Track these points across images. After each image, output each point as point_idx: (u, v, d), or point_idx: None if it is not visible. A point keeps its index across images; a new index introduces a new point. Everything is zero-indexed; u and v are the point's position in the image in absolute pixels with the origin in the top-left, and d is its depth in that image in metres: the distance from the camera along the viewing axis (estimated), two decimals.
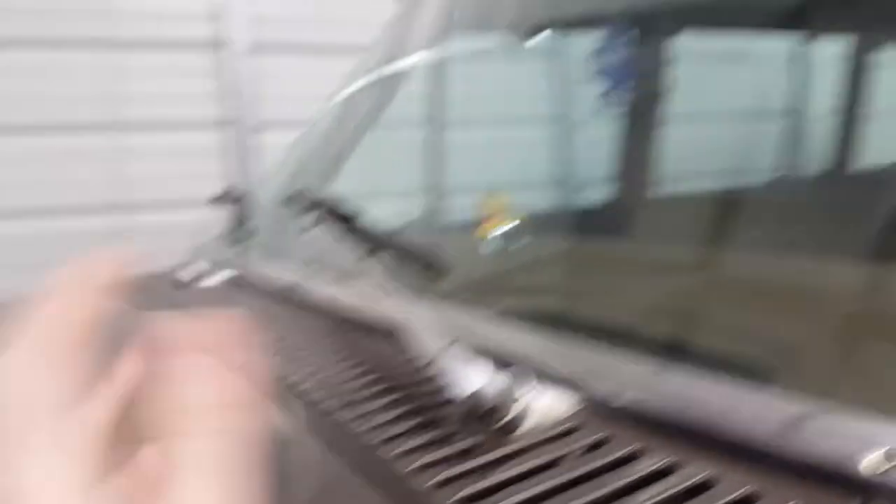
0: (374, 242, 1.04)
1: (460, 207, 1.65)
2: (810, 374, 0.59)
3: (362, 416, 0.68)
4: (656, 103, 1.80)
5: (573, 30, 1.75)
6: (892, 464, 0.46)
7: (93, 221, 3.02)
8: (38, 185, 3.00)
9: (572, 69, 2.63)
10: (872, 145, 1.93)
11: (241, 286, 1.33)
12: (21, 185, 2.97)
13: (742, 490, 0.50)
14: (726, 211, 1.34)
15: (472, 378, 0.63)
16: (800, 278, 0.74)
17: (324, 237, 1.10)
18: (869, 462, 0.47)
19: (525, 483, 0.54)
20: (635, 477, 0.53)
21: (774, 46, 2.19)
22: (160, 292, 1.31)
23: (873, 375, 0.57)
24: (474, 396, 0.62)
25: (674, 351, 0.67)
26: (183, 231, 1.91)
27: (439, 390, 0.71)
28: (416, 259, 0.94)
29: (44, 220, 3.01)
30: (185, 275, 1.38)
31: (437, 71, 1.67)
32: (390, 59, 1.68)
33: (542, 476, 0.55)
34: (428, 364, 0.67)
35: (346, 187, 1.65)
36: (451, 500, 0.53)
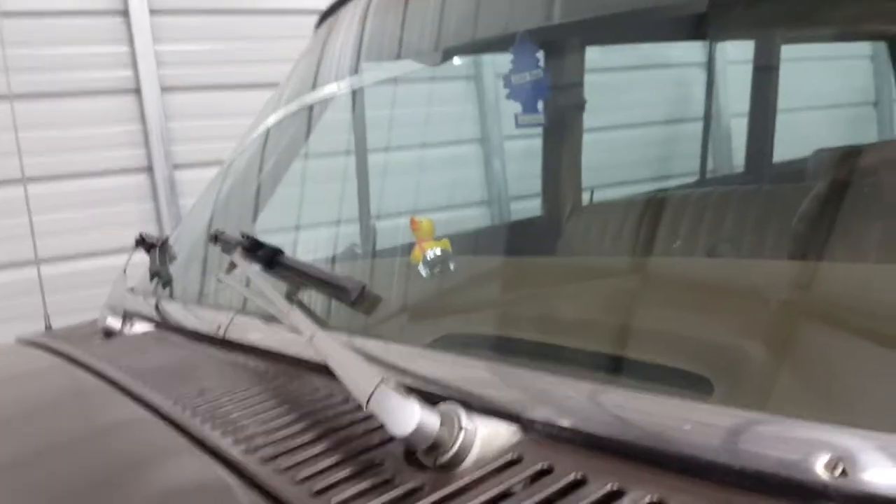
0: (299, 277, 1.01)
1: (387, 233, 1.63)
2: (750, 382, 0.58)
3: (295, 465, 0.64)
4: (571, 118, 1.82)
5: (483, 52, 1.76)
6: (841, 468, 0.46)
7: (13, 276, 2.89)
8: None
9: (486, 91, 2.65)
10: (785, 142, 1.99)
11: (165, 332, 1.28)
12: None
13: None
14: (649, 217, 1.35)
15: (408, 416, 0.60)
16: (726, 281, 0.74)
17: (246, 276, 1.06)
18: (816, 468, 0.46)
19: None
20: None
21: (682, 53, 2.24)
22: (89, 344, 1.25)
23: (812, 380, 0.57)
24: (413, 435, 0.60)
25: (610, 369, 0.66)
26: (104, 279, 1.83)
27: (374, 431, 0.68)
28: (341, 292, 0.92)
29: None
30: (110, 324, 1.33)
31: (352, 100, 1.65)
32: (302, 91, 1.66)
33: None
34: (361, 404, 0.64)
35: (267, 223, 1.61)
36: None
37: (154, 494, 0.69)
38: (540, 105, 1.09)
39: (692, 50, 2.32)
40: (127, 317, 1.36)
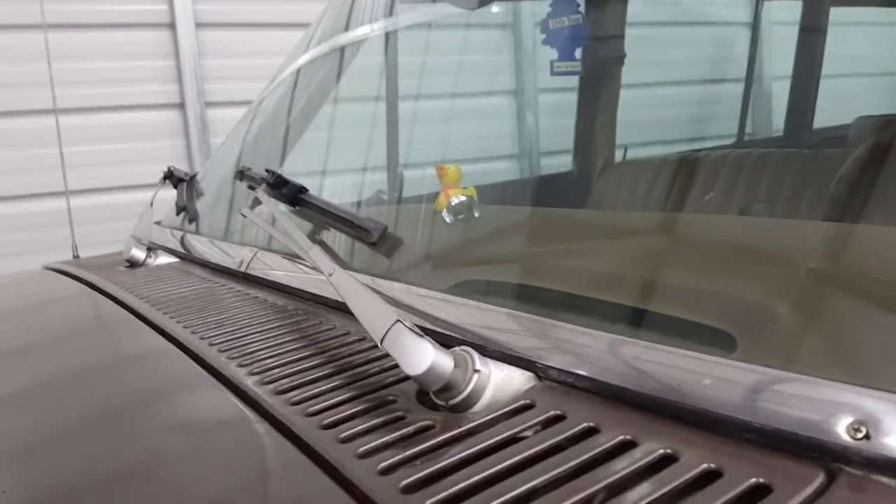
0: (322, 216, 1.00)
1: (415, 180, 1.61)
2: (775, 341, 0.57)
3: (307, 398, 0.64)
4: (609, 72, 1.78)
5: None
6: (863, 430, 0.44)
7: (40, 205, 2.91)
8: None
9: (523, 38, 2.59)
10: (826, 107, 1.93)
11: (188, 265, 1.28)
12: None
13: (706, 464, 0.47)
14: (682, 176, 1.32)
15: (422, 356, 0.59)
16: (760, 238, 0.72)
17: (270, 214, 1.06)
18: (841, 430, 0.45)
19: (477, 465, 0.51)
20: (594, 452, 0.51)
21: (727, 11, 2.17)
22: (113, 273, 1.26)
23: (838, 342, 0.55)
24: (426, 374, 0.59)
25: (631, 321, 0.65)
26: (132, 213, 1.85)
27: (388, 370, 0.68)
28: (363, 233, 0.91)
29: None
30: (135, 255, 1.34)
31: (386, 43, 1.62)
32: (335, 32, 1.63)
33: (495, 457, 0.52)
34: (376, 342, 0.63)
35: (296, 164, 1.60)
36: (398, 487, 0.49)
37: (167, 421, 0.69)
38: (577, 52, 1.06)
39: (738, 8, 2.24)
40: (152, 249, 1.37)
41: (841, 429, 0.45)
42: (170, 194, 1.66)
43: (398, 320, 0.62)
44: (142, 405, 0.74)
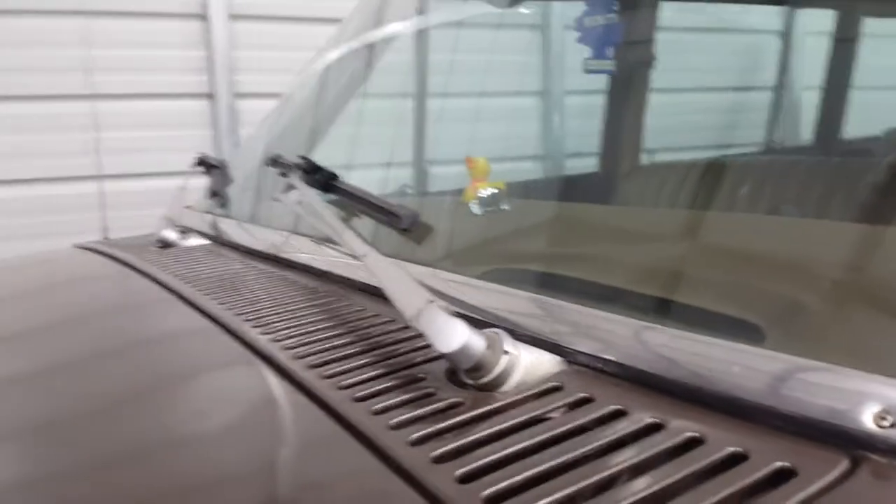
0: (355, 203, 1.02)
1: (442, 175, 1.63)
2: (803, 332, 0.58)
3: (340, 373, 0.66)
4: (637, 75, 1.78)
5: None
6: (889, 420, 0.45)
7: (72, 188, 2.96)
8: (21, 153, 2.94)
9: (555, 36, 2.60)
10: (856, 115, 1.92)
11: (220, 247, 1.31)
12: (2, 153, 2.91)
13: (732, 447, 0.48)
14: (708, 181, 1.33)
15: (455, 335, 0.61)
16: (789, 236, 0.73)
17: (303, 199, 1.07)
18: (866, 418, 0.46)
19: (505, 440, 0.52)
20: (621, 434, 0.52)
21: (761, 18, 2.17)
22: (145, 252, 1.29)
23: (864, 332, 0.56)
24: (458, 353, 0.60)
25: (660, 310, 0.66)
26: (160, 200, 1.87)
27: (418, 350, 0.70)
28: (394, 219, 0.92)
29: (25, 188, 2.96)
30: (167, 236, 1.36)
31: (417, 39, 1.64)
32: (366, 28, 1.65)
33: (523, 434, 0.53)
34: (409, 321, 0.65)
35: (325, 156, 1.62)
36: (429, 458, 0.51)
37: (208, 394, 0.71)
38: (610, 51, 1.07)
39: (770, 16, 2.24)
40: (183, 231, 1.40)
41: (867, 417, 0.46)
42: (198, 182, 1.68)
43: (432, 300, 0.64)
44: (180, 377, 0.76)
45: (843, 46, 2.02)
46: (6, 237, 2.85)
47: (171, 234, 1.35)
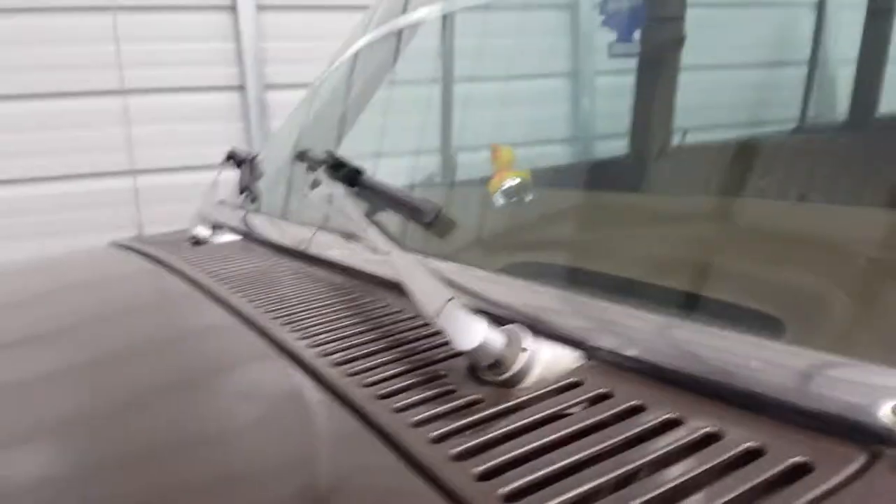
0: (380, 198, 1.03)
1: (469, 164, 1.63)
2: (824, 327, 0.57)
3: (364, 370, 0.67)
4: (667, 54, 1.76)
5: None
6: None
7: (105, 184, 3.01)
8: (55, 150, 3.00)
9: (582, 20, 2.58)
10: (890, 94, 1.88)
11: (251, 243, 1.33)
12: (36, 150, 2.97)
13: (749, 443, 0.49)
14: (737, 162, 1.31)
15: (474, 333, 0.62)
16: (811, 229, 0.72)
17: (329, 194, 1.09)
18: (884, 413, 0.46)
19: (524, 437, 0.53)
20: (640, 429, 0.52)
21: None
22: (178, 249, 1.31)
23: (886, 327, 0.55)
24: (477, 350, 0.61)
25: (681, 304, 0.66)
26: (192, 194, 1.90)
27: (440, 347, 0.70)
28: (420, 214, 0.93)
29: (60, 185, 3.02)
30: (199, 233, 1.39)
31: (443, 26, 1.64)
32: (392, 15, 1.65)
33: (541, 430, 0.54)
34: (430, 318, 0.65)
35: (353, 146, 1.63)
36: (448, 455, 0.52)
37: (234, 390, 0.73)
38: (636, 34, 1.06)
39: None
40: (215, 227, 1.42)
41: (885, 412, 0.46)
42: (231, 175, 1.71)
43: (452, 298, 0.64)
44: (208, 375, 0.78)
45: (879, 19, 1.97)
46: (42, 233, 2.92)
47: (203, 231, 1.38)
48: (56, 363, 0.83)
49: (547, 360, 0.62)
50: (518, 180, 1.07)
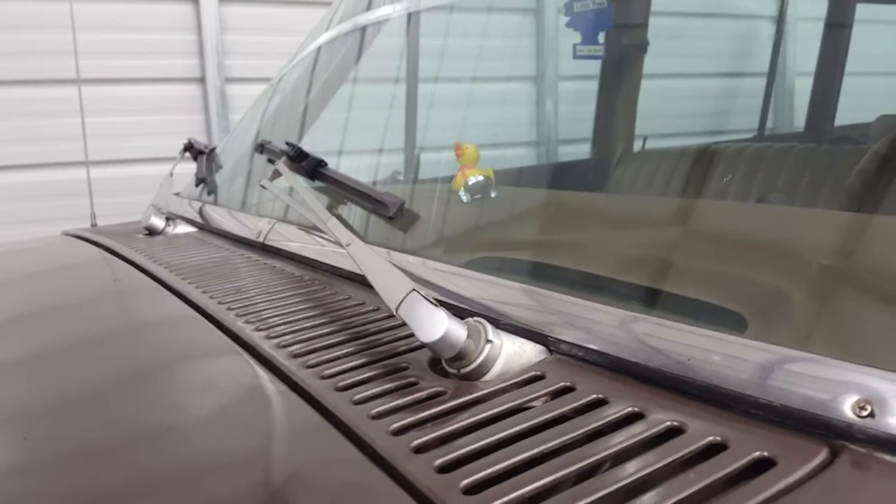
0: (340, 189, 1.01)
1: (431, 161, 1.61)
2: (785, 322, 0.58)
3: (322, 362, 0.66)
4: (631, 60, 1.77)
5: None
6: (868, 409, 0.45)
7: (60, 174, 2.94)
8: (8, 139, 2.92)
9: (546, 22, 2.59)
10: (848, 106, 1.92)
11: (207, 235, 1.30)
12: None
13: (711, 437, 0.48)
14: (700, 168, 1.32)
15: (437, 324, 0.60)
16: (771, 224, 0.72)
17: (290, 187, 1.07)
18: (846, 408, 0.46)
19: (486, 430, 0.52)
20: (601, 423, 0.52)
21: (753, 5, 2.16)
22: (132, 240, 1.28)
23: (847, 323, 0.56)
24: (440, 342, 0.60)
25: (644, 300, 0.66)
26: (149, 186, 1.86)
27: (402, 339, 0.69)
28: (380, 206, 0.92)
29: (13, 174, 2.94)
30: (154, 223, 1.36)
31: (406, 24, 1.63)
32: (356, 12, 1.63)
33: (503, 423, 0.53)
34: (391, 310, 0.64)
35: (312, 143, 1.61)
36: (409, 447, 0.51)
37: (188, 383, 0.71)
38: (600, 36, 1.06)
39: (764, 1, 2.22)
40: (170, 218, 1.39)
41: (846, 407, 0.46)
42: (189, 167, 1.67)
43: (414, 289, 0.63)
44: (162, 367, 0.75)
45: (836, 32, 2.02)
46: None
47: (158, 222, 1.35)
48: (4, 354, 0.80)
49: (509, 353, 0.61)
50: (482, 177, 1.06)
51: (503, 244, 0.88)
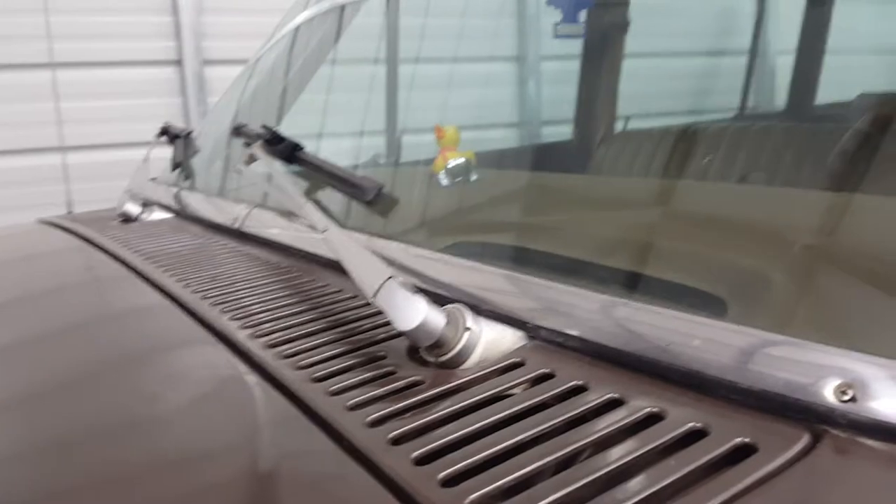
0: (317, 174, 1.00)
1: (411, 144, 1.60)
2: (766, 306, 0.57)
3: (298, 352, 0.65)
4: (612, 40, 1.76)
5: None
6: (850, 393, 0.45)
7: (34, 160, 2.89)
8: None
9: (527, 6, 2.57)
10: (830, 84, 1.91)
11: (183, 221, 1.28)
12: None
13: (692, 423, 0.48)
14: (682, 148, 1.32)
15: (415, 312, 0.59)
16: (753, 211, 0.72)
17: (266, 170, 1.05)
18: (827, 392, 0.45)
19: (464, 419, 0.51)
20: (582, 410, 0.51)
21: None
22: (107, 227, 1.26)
23: (828, 306, 0.55)
24: (418, 330, 0.59)
25: (624, 284, 0.65)
26: (127, 171, 1.83)
27: (380, 327, 0.68)
28: (358, 191, 0.90)
29: None
30: (129, 210, 1.34)
31: (385, 3, 1.60)
32: None
33: (482, 412, 0.52)
34: (368, 298, 0.63)
35: (294, 124, 1.59)
36: (386, 439, 0.50)
37: (162, 373, 0.69)
38: (581, 15, 1.04)
39: None
40: (146, 204, 1.37)
41: (828, 391, 0.46)
42: (166, 152, 1.64)
43: (391, 276, 0.62)
44: (136, 357, 0.74)
45: (817, 10, 2.01)
46: None
47: (132, 208, 1.32)
48: None
49: (489, 340, 0.61)
50: (462, 160, 1.05)
51: (483, 228, 0.87)
